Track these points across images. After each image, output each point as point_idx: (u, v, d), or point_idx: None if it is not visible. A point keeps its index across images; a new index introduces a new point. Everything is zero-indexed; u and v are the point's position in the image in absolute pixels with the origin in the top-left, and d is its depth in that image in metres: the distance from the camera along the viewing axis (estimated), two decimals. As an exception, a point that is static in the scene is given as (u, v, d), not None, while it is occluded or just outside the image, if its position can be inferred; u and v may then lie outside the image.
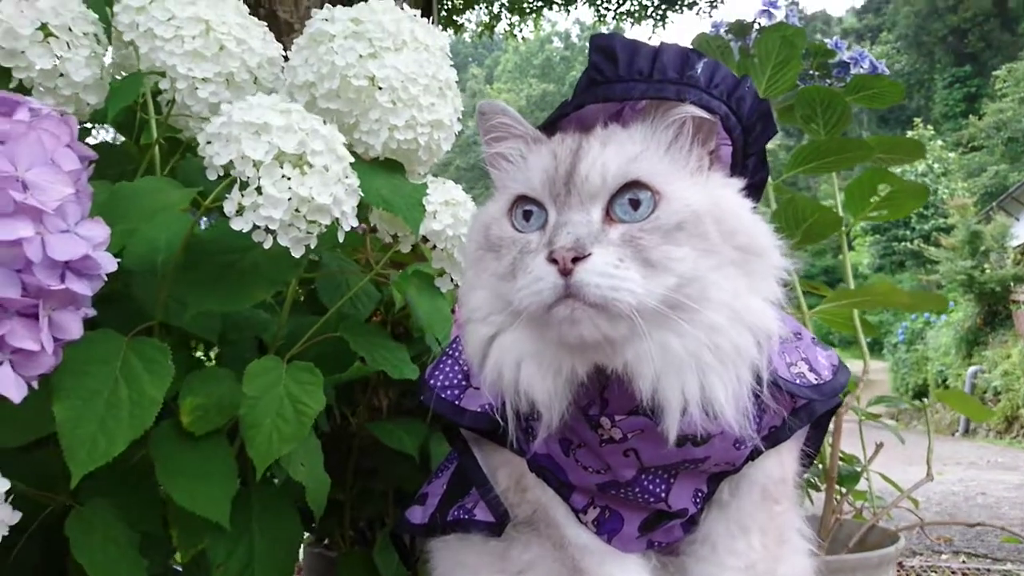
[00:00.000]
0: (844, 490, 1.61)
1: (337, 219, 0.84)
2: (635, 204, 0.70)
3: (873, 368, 1.87)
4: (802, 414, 0.83)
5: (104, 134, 1.53)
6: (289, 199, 0.78)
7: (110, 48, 1.15)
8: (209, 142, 0.81)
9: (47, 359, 0.64)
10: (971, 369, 8.72)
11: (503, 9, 8.37)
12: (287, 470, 0.96)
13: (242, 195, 0.79)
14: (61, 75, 1.00)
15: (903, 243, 16.10)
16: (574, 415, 0.75)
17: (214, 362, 1.25)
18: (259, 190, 0.78)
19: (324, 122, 0.88)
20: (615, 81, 0.76)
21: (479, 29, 8.72)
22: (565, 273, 0.65)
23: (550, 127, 0.80)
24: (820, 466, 1.57)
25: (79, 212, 0.67)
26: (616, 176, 0.70)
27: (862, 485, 1.68)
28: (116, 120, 1.30)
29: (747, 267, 0.71)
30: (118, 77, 1.13)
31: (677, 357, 0.68)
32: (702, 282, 0.68)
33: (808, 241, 1.76)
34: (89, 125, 1.32)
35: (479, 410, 0.83)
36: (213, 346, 1.20)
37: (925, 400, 1.89)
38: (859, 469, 1.67)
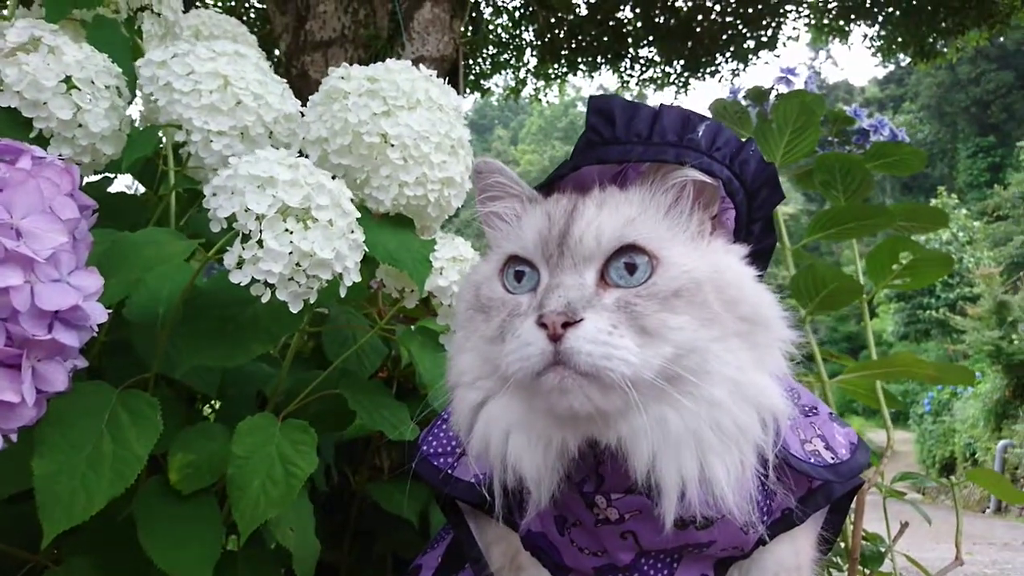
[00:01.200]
0: (868, 571, 1.52)
1: (339, 274, 0.82)
2: (631, 268, 0.66)
3: (898, 439, 1.80)
4: (819, 496, 0.77)
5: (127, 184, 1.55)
6: (290, 253, 0.77)
7: (139, 100, 1.17)
8: (215, 194, 0.81)
9: (27, 412, 0.62)
10: (1001, 443, 8.41)
11: (529, 74, 8.58)
12: (274, 534, 0.92)
13: (243, 248, 0.77)
14: (80, 125, 1.02)
15: (928, 312, 15.83)
16: (568, 491, 0.71)
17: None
18: (260, 243, 0.77)
19: (333, 177, 0.88)
20: (612, 143, 0.74)
21: (505, 93, 8.93)
22: (555, 339, 0.61)
23: (547, 188, 0.78)
24: (842, 545, 1.50)
25: (73, 261, 0.66)
26: (611, 239, 0.67)
27: (886, 566, 1.59)
28: (136, 171, 1.32)
29: (751, 339, 0.67)
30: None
31: (675, 434, 0.63)
32: (702, 354, 0.64)
33: (827, 308, 1.72)
34: (111, 175, 1.35)
35: (472, 481, 0.78)
36: (213, 400, 1.17)
37: (952, 478, 1.80)
38: (883, 549, 1.59)
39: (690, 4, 7.09)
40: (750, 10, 7.21)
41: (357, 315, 1.35)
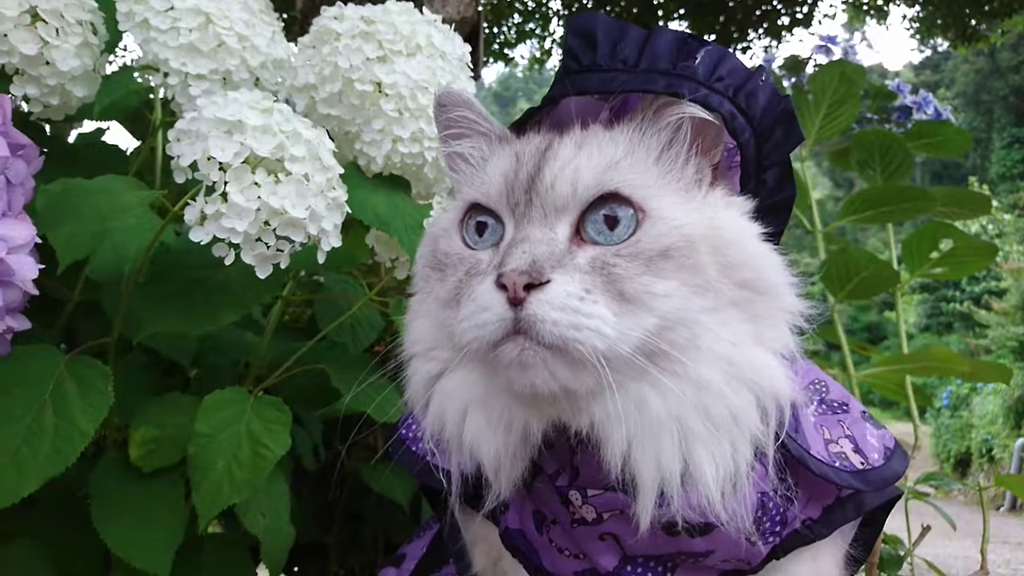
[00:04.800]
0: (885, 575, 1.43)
1: (315, 236, 0.73)
2: (612, 222, 0.56)
3: (912, 431, 1.70)
4: (848, 507, 0.67)
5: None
6: (257, 209, 0.67)
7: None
8: (178, 139, 0.71)
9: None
10: (1019, 441, 8.25)
11: (555, 44, 8.40)
12: (243, 521, 0.83)
13: (206, 202, 0.68)
14: (47, 63, 0.93)
15: (952, 304, 15.52)
16: (543, 483, 0.62)
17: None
18: (224, 197, 0.67)
19: (316, 127, 0.78)
20: (592, 70, 0.62)
21: (530, 63, 8.76)
22: (515, 303, 0.52)
23: (521, 127, 0.68)
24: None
25: (1, 207, 0.57)
26: (589, 185, 0.57)
27: (904, 569, 1.50)
28: (129, 120, 1.23)
29: (752, 310, 0.57)
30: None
31: (655, 419, 0.54)
32: (691, 326, 0.55)
33: (857, 296, 1.61)
34: (105, 125, 1.26)
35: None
36: (189, 369, 1.09)
37: (980, 482, 1.70)
38: (902, 553, 1.50)
39: (724, -23, 6.88)
40: (786, -15, 6.99)
41: (355, 284, 1.26)
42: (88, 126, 1.26)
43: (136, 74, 1.03)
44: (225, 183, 0.67)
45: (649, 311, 0.54)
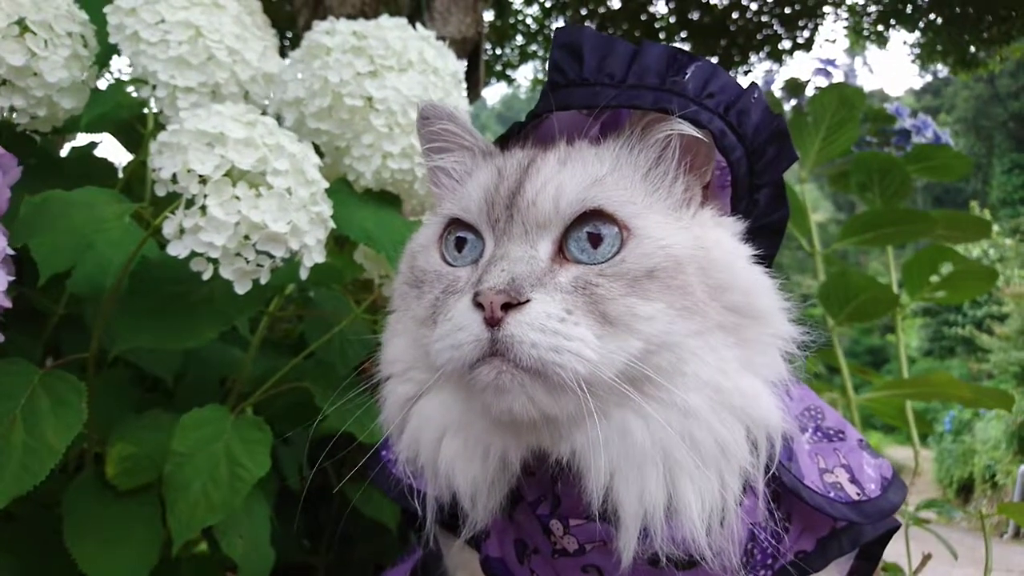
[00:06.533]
0: (886, 609, 1.40)
1: (297, 251, 0.71)
2: (595, 240, 0.54)
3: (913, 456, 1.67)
4: (843, 540, 0.64)
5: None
6: (237, 223, 0.66)
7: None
8: (160, 152, 0.70)
9: None
10: (1023, 467, 8.18)
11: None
12: (221, 543, 0.81)
13: (185, 215, 0.66)
14: (34, 74, 0.92)
15: (954, 328, 15.48)
16: (524, 511, 0.60)
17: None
18: (203, 210, 0.66)
19: (301, 141, 0.77)
20: (578, 85, 0.60)
21: (532, 84, 8.81)
22: (492, 323, 0.50)
23: (506, 142, 0.66)
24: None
25: (-30, 218, 0.55)
26: (572, 202, 0.55)
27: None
28: (113, 131, 1.22)
29: (741, 335, 0.55)
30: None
31: (639, 449, 0.52)
32: (677, 351, 0.52)
33: (857, 320, 1.59)
34: (98, 138, 1.25)
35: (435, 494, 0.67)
36: (173, 384, 1.07)
37: (982, 508, 1.67)
38: (903, 583, 1.46)
39: (726, 1, 6.92)
40: (787, 10, 7.02)
41: (345, 301, 1.24)
42: (85, 139, 1.26)
43: (131, 88, 1.02)
44: (204, 196, 0.65)
45: (633, 333, 0.51)
